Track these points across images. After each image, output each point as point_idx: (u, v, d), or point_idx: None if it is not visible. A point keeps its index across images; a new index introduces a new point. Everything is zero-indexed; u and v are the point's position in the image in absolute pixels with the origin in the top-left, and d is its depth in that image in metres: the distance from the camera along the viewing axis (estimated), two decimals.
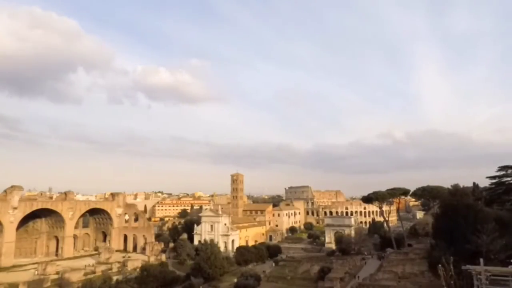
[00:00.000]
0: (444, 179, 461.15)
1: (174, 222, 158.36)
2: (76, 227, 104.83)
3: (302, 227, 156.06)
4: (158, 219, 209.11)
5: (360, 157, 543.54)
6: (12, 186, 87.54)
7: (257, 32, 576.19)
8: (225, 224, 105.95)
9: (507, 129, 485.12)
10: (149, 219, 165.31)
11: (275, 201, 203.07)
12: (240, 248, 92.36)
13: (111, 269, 77.63)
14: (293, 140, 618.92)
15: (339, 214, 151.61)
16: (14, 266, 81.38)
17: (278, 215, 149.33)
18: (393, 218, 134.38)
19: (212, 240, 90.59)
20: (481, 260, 22.61)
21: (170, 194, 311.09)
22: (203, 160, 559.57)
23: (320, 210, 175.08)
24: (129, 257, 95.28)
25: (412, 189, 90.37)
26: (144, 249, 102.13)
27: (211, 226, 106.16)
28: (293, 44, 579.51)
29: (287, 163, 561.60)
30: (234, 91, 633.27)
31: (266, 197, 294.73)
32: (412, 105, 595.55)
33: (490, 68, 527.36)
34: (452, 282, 24.14)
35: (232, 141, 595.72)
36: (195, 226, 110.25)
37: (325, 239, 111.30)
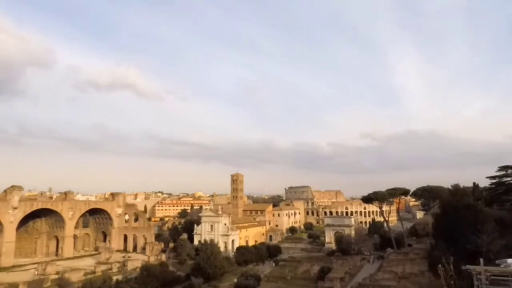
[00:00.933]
0: (444, 179, 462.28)
1: (174, 222, 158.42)
2: (76, 227, 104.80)
3: (302, 227, 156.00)
4: (158, 219, 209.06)
5: (345, 156, 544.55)
6: (12, 186, 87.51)
7: (220, 24, 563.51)
8: (225, 224, 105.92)
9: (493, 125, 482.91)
10: (149, 219, 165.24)
11: (275, 201, 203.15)
12: (240, 248, 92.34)
13: (111, 269, 77.59)
14: (275, 138, 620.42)
15: (339, 214, 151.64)
16: (14, 266, 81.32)
17: (278, 215, 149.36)
18: (393, 218, 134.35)
19: (212, 240, 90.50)
20: (481, 260, 22.61)
21: (170, 194, 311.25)
22: (192, 159, 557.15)
23: (320, 210, 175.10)
24: (129, 257, 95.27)
25: (412, 189, 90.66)
26: (144, 249, 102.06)
27: (211, 226, 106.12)
28: (252, 30, 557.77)
29: (273, 162, 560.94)
30: (204, 87, 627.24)
31: (266, 197, 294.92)
32: (395, 102, 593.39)
33: (471, 55, 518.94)
34: (452, 282, 24.14)
35: (212, 139, 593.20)
36: (195, 226, 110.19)
37: (325, 239, 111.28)
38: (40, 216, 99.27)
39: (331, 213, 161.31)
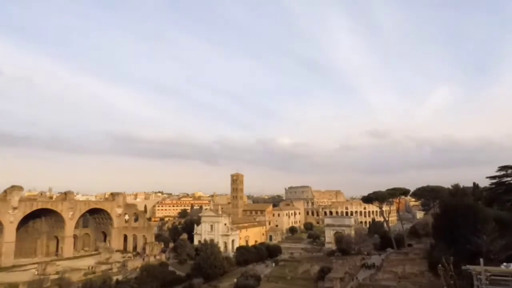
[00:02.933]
0: (444, 179, 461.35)
1: (174, 222, 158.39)
2: (76, 227, 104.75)
3: (302, 227, 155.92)
4: (158, 219, 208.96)
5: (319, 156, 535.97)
6: (12, 186, 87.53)
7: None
8: (225, 224, 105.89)
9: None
10: (149, 219, 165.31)
11: (275, 201, 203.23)
12: (240, 248, 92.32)
13: (111, 269, 77.66)
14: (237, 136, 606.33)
15: (339, 214, 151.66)
16: (14, 266, 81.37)
17: (278, 215, 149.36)
18: (393, 218, 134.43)
19: (212, 240, 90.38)
20: (481, 260, 22.63)
21: (170, 194, 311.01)
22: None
23: (320, 210, 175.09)
24: (129, 257, 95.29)
25: (412, 189, 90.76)
26: (144, 249, 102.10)
27: (211, 226, 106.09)
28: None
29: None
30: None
31: (266, 197, 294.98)
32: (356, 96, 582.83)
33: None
34: (452, 282, 24.17)
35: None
36: (195, 226, 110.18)
37: (325, 239, 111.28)
38: (40, 216, 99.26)
39: (331, 213, 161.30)
